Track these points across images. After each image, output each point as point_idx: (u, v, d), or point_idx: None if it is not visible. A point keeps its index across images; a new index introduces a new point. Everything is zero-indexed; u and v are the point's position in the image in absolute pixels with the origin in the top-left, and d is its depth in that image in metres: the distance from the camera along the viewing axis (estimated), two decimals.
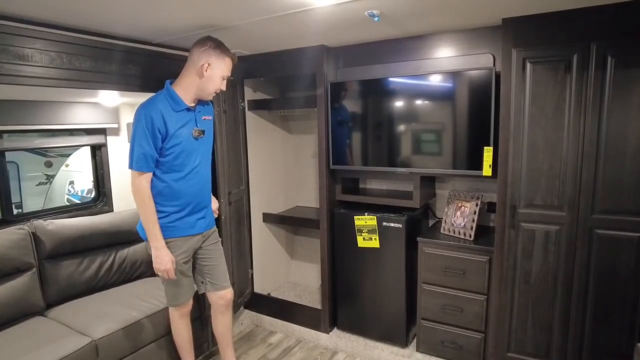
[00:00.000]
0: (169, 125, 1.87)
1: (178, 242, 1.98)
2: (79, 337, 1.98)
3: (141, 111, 1.84)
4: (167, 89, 1.93)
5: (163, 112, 1.85)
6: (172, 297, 2.09)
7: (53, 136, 2.67)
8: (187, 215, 1.99)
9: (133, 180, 1.86)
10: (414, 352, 2.52)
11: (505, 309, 2.15)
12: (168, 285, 2.07)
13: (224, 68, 1.92)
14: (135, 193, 1.87)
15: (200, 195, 2.04)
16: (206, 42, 1.89)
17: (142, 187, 1.86)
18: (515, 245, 2.08)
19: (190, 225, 2.01)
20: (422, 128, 2.42)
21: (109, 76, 2.12)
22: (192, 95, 1.94)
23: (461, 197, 2.47)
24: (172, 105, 1.89)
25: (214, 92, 1.97)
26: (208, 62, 1.87)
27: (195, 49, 1.90)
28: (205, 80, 1.90)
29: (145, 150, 1.82)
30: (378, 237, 2.53)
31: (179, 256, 1.97)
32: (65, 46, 1.92)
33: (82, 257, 2.49)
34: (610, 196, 1.86)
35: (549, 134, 1.95)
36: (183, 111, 1.92)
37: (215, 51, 1.88)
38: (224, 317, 2.23)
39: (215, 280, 2.17)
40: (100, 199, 2.98)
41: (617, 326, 1.91)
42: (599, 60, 1.81)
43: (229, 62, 1.95)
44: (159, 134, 1.84)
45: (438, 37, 2.32)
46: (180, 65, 2.50)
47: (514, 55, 1.98)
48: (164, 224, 1.93)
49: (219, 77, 1.92)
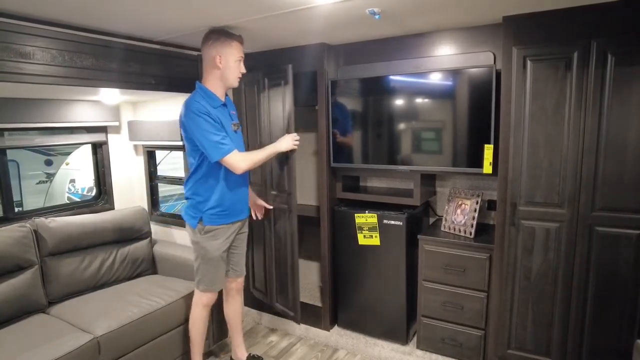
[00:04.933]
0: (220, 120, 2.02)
1: (224, 228, 2.13)
2: (80, 334, 1.98)
3: (192, 111, 1.94)
4: (201, 88, 2.05)
5: (208, 109, 1.98)
6: (209, 282, 2.16)
7: (54, 134, 2.68)
8: (236, 203, 2.14)
9: (230, 163, 1.98)
10: (415, 349, 2.53)
11: (505, 306, 2.16)
12: (208, 270, 2.14)
13: (234, 52, 2.02)
14: (246, 163, 2.04)
15: (245, 184, 2.22)
16: (210, 36, 2.01)
17: (242, 158, 2.03)
18: (515, 242, 2.09)
19: (237, 212, 2.16)
20: (422, 126, 2.42)
21: (110, 74, 2.13)
22: (221, 88, 2.07)
23: (461, 194, 2.48)
24: (210, 103, 2.00)
25: (236, 77, 2.08)
26: (219, 54, 1.99)
27: (204, 46, 2.03)
28: (224, 71, 2.02)
29: (218, 138, 1.95)
30: (379, 234, 2.53)
31: (223, 243, 2.14)
32: (66, 44, 1.92)
33: (83, 255, 2.50)
34: (610, 193, 1.86)
35: (549, 131, 1.96)
36: (220, 107, 2.05)
37: (220, 41, 1.99)
38: (235, 301, 2.41)
39: (236, 267, 2.32)
40: (102, 196, 2.99)
41: (616, 323, 1.91)
42: (599, 57, 1.81)
43: (237, 45, 2.04)
44: (217, 124, 1.99)
45: (439, 35, 2.32)
46: (181, 63, 2.51)
47: (515, 53, 1.98)
48: (216, 212, 2.08)
49: (234, 62, 2.03)
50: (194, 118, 1.93)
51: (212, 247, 2.11)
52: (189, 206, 2.13)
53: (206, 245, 2.10)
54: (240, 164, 2.00)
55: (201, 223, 2.08)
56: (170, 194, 5.63)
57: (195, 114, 1.93)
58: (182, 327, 2.40)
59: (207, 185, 2.06)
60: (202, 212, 2.07)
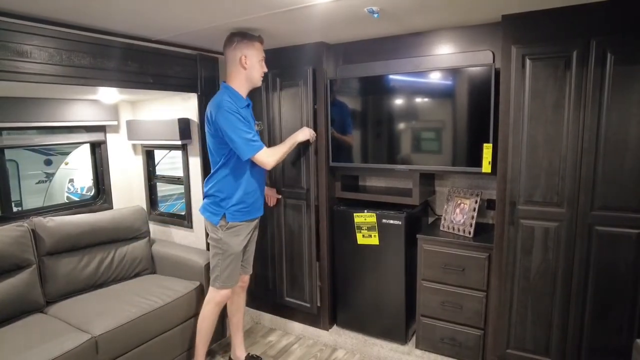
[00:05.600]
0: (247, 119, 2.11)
1: (244, 225, 2.20)
2: (78, 333, 1.98)
3: (225, 109, 2.00)
4: (227, 88, 2.12)
5: (237, 108, 2.05)
6: (227, 279, 2.19)
7: (52, 133, 2.67)
8: (257, 200, 2.23)
9: (261, 160, 2.09)
10: (414, 349, 2.52)
11: (504, 305, 2.15)
12: (227, 266, 2.17)
13: (257, 53, 2.13)
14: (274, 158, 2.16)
15: (264, 182, 2.32)
16: (233, 39, 2.10)
17: (271, 154, 2.14)
18: (514, 241, 2.08)
19: (257, 209, 2.25)
20: (421, 125, 2.41)
21: (108, 73, 2.13)
22: (245, 88, 2.17)
23: (460, 194, 2.47)
24: (236, 103, 2.06)
25: (260, 76, 2.18)
26: (244, 55, 2.09)
27: (228, 49, 2.11)
28: (249, 70, 2.12)
29: (250, 136, 2.04)
30: (377, 234, 2.53)
31: (244, 239, 2.22)
32: (63, 42, 1.92)
33: (82, 254, 2.49)
34: (609, 192, 1.86)
35: (548, 130, 1.95)
36: (245, 107, 2.14)
37: (244, 42, 2.09)
38: (239, 298, 2.46)
39: (246, 264, 2.38)
40: (100, 196, 2.98)
41: (616, 322, 1.91)
42: (598, 56, 1.81)
43: (259, 45, 2.15)
44: (247, 122, 2.08)
45: (437, 34, 2.31)
46: (179, 62, 2.51)
47: (514, 52, 1.97)
48: (239, 209, 2.15)
49: (257, 62, 2.14)
50: (227, 116, 1.99)
51: (235, 243, 2.17)
52: (211, 203, 2.17)
53: (229, 241, 2.15)
54: (269, 159, 2.11)
55: (224, 219, 2.13)
56: (170, 194, 5.62)
57: (228, 112, 1.99)
58: (180, 327, 2.40)
59: (232, 183, 2.12)
60: (226, 209, 2.13)
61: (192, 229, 2.91)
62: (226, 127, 2.00)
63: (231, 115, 1.99)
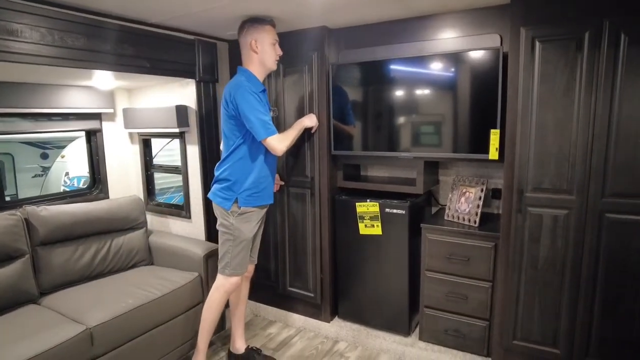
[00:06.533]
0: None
1: (257, 211, 2.17)
2: (73, 325, 1.91)
3: (245, 89, 2.00)
4: (244, 71, 2.13)
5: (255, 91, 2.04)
6: (237, 266, 2.15)
7: (45, 121, 2.59)
8: (269, 186, 2.21)
9: (273, 145, 2.05)
10: (417, 341, 2.47)
11: (511, 295, 2.10)
12: (238, 253, 2.13)
13: (268, 36, 2.12)
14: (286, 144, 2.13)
15: (275, 170, 2.31)
16: (244, 25, 2.12)
17: (282, 139, 2.11)
18: (522, 230, 2.02)
19: (268, 195, 2.22)
20: (426, 111, 2.35)
21: (103, 55, 2.06)
22: (261, 73, 2.17)
23: (465, 182, 2.42)
24: (253, 87, 2.05)
25: (274, 60, 2.17)
26: (254, 39, 2.09)
27: (240, 35, 2.14)
28: (261, 55, 2.11)
29: (267, 118, 2.04)
30: (380, 223, 2.47)
31: (255, 226, 2.19)
32: (56, 22, 1.84)
33: (76, 245, 2.43)
34: (621, 179, 1.80)
35: (558, 115, 1.89)
36: (262, 92, 2.12)
37: (254, 27, 2.10)
38: (244, 288, 2.41)
39: (252, 253, 2.35)
40: (96, 185, 2.91)
41: (627, 313, 1.85)
42: (611, 37, 1.74)
43: (270, 29, 2.14)
44: (265, 105, 2.09)
45: (443, 17, 2.25)
46: (177, 46, 2.44)
47: (523, 34, 1.91)
48: (252, 194, 2.12)
49: (269, 46, 2.13)
50: (246, 96, 1.99)
51: (246, 229, 2.14)
52: (222, 188, 2.12)
53: (240, 227, 2.12)
54: (280, 145, 2.08)
55: (236, 204, 2.10)
56: (168, 186, 5.56)
57: (248, 92, 2.00)
58: (179, 318, 2.34)
59: (246, 166, 2.10)
60: (238, 194, 2.09)
61: (191, 220, 2.84)
62: (244, 107, 1.98)
63: (250, 95, 1.99)
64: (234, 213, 2.10)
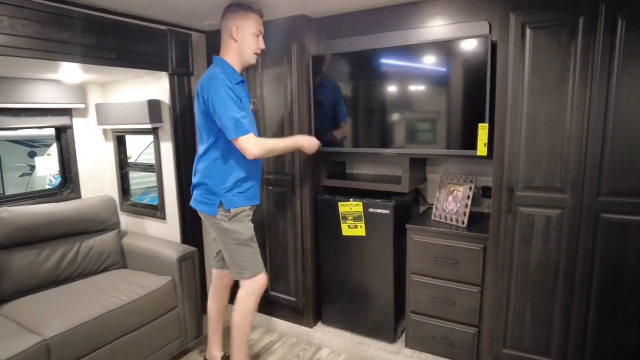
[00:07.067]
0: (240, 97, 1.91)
1: (246, 210, 1.99)
2: (28, 335, 1.77)
3: (216, 82, 1.81)
4: (220, 61, 1.95)
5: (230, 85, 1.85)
6: (254, 265, 2.01)
7: (10, 117, 2.43)
8: (254, 186, 2.03)
9: (243, 146, 1.83)
10: (403, 348, 2.34)
11: (501, 301, 1.97)
12: (249, 253, 1.98)
13: (252, 25, 1.94)
14: (260, 150, 1.88)
15: (259, 169, 2.11)
16: (228, 9, 1.94)
17: (257, 144, 1.87)
18: (512, 231, 1.89)
19: (254, 194, 2.04)
20: (411, 104, 2.21)
21: (62, 46, 1.90)
22: (238, 63, 1.97)
23: (453, 180, 2.28)
24: (229, 77, 1.89)
25: (253, 52, 1.97)
26: (235, 26, 1.91)
27: (222, 19, 1.95)
28: (240, 44, 1.93)
29: (239, 115, 1.82)
30: (364, 224, 2.33)
31: (251, 225, 2.01)
32: (7, 8, 1.69)
33: (41, 247, 2.28)
34: (618, 176, 1.66)
35: (550, 108, 1.75)
36: (240, 84, 1.96)
37: (238, 13, 1.92)
38: (225, 295, 2.30)
39: None
40: (67, 185, 2.77)
41: (624, 320, 1.72)
42: (608, 22, 1.60)
43: (255, 17, 1.96)
44: (239, 100, 1.87)
45: (430, 4, 2.11)
46: (147, 37, 2.29)
47: (512, 20, 1.77)
48: (236, 193, 1.94)
49: (251, 36, 1.94)
50: (218, 89, 1.80)
51: (244, 228, 1.96)
52: (203, 193, 1.95)
53: (237, 228, 1.94)
54: (252, 148, 1.84)
55: (222, 208, 1.91)
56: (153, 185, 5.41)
57: (220, 85, 1.81)
58: (149, 326, 2.19)
59: (223, 167, 1.92)
60: (220, 196, 1.91)
61: (166, 221, 2.70)
62: (215, 101, 1.80)
63: (222, 89, 1.80)
64: (224, 217, 1.92)
